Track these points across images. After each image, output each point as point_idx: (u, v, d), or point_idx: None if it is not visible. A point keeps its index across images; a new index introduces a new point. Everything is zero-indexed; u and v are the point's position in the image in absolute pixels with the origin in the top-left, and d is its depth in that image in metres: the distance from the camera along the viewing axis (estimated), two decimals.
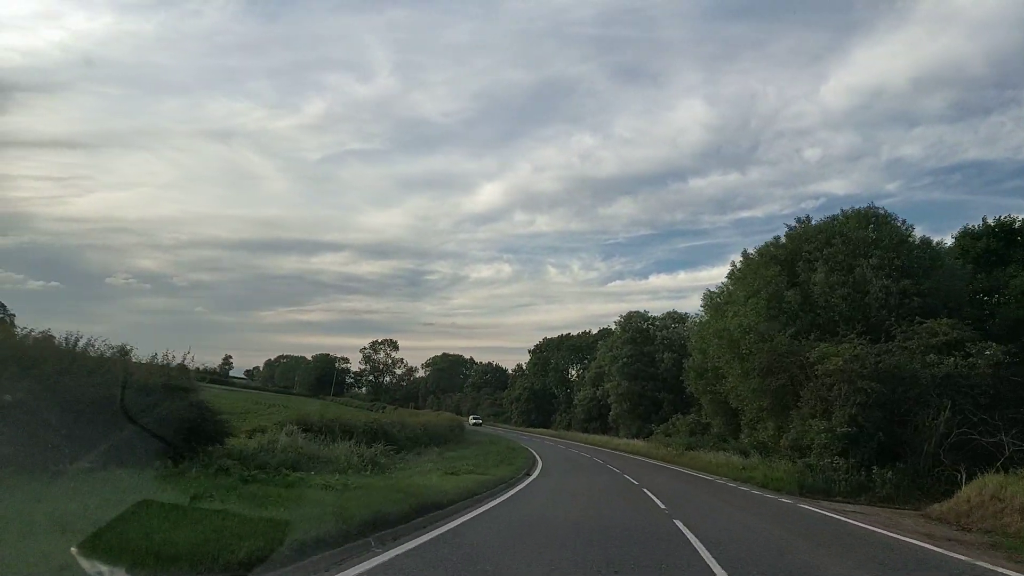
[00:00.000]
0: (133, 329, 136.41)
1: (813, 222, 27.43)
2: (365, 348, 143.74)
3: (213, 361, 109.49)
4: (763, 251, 27.53)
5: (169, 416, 9.51)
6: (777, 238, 27.74)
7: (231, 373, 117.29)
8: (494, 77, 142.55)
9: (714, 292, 33.38)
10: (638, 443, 43.03)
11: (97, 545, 5.08)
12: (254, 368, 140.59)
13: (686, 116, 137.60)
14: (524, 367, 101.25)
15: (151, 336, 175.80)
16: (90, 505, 6.26)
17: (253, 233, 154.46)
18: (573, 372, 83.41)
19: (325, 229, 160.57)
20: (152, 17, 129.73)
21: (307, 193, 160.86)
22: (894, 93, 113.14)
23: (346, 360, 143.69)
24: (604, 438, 54.63)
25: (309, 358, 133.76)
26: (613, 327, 64.83)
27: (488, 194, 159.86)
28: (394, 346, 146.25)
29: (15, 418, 7.48)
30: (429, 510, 9.78)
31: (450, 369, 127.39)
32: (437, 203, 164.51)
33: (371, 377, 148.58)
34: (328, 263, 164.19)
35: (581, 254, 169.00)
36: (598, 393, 61.57)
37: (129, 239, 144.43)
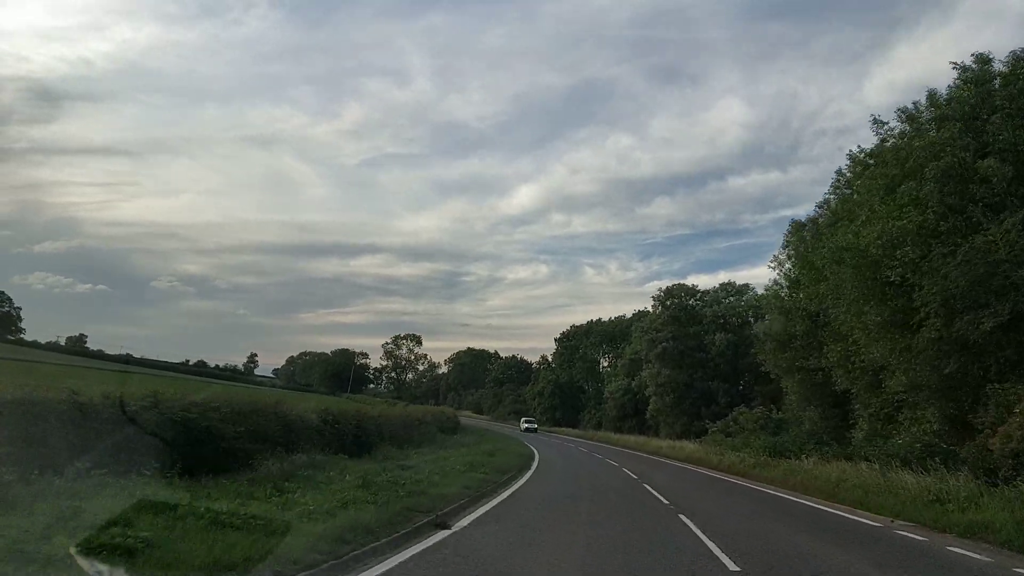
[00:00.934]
0: (177, 331, 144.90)
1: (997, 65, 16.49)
2: (387, 343, 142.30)
3: (238, 360, 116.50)
4: (914, 116, 18.22)
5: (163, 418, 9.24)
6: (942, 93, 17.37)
7: (256, 371, 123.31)
8: (530, 80, 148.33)
9: (805, 222, 27.35)
10: (687, 445, 35.81)
11: (97, 544, 5.09)
12: (282, 366, 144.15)
13: (725, 116, 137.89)
14: (549, 359, 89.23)
15: (194, 338, 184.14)
16: (90, 505, 6.35)
17: (294, 237, 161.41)
18: (604, 363, 70.28)
19: (364, 233, 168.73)
20: (195, 27, 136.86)
21: (346, 198, 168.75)
22: (939, 90, 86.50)
23: (365, 356, 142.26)
24: (640, 439, 47.38)
25: (329, 353, 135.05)
26: (650, 308, 52.22)
27: (524, 196, 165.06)
28: (417, 341, 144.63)
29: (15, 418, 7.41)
30: None
31: (472, 364, 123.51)
32: (473, 206, 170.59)
33: (393, 374, 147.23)
34: (367, 266, 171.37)
35: (618, 254, 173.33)
36: (633, 384, 48.89)
37: (174, 243, 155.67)
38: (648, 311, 54.77)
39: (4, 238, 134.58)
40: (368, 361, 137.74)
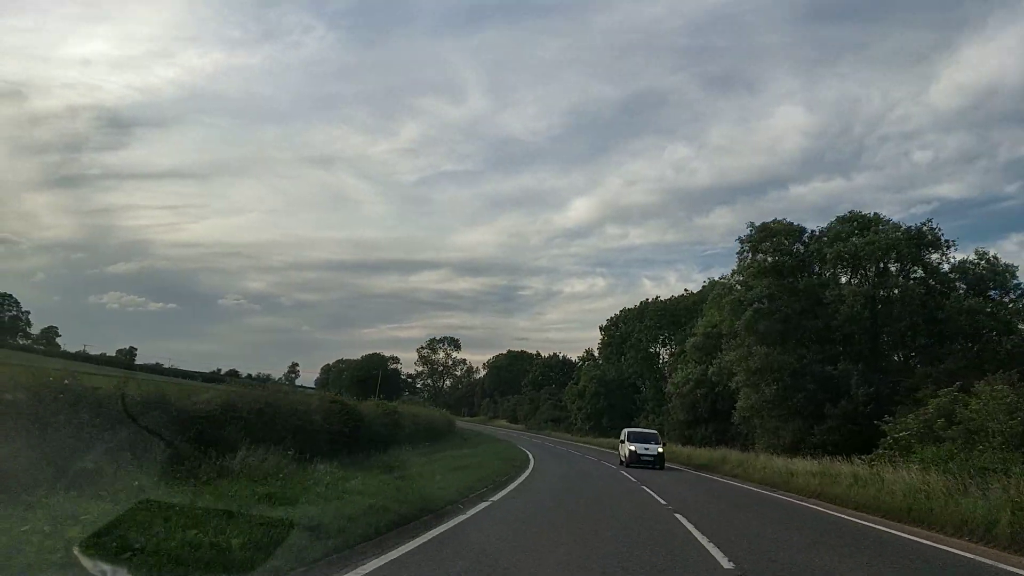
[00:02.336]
0: (242, 347, 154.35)
1: None
2: (422, 347, 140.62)
3: (276, 372, 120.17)
4: None
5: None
6: None
7: (297, 381, 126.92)
8: (583, 93, 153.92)
9: None
10: (817, 467, 21.06)
11: (98, 544, 5.29)
12: (318, 376, 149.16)
13: (784, 123, 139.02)
14: (594, 351, 72.08)
15: (259, 353, 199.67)
16: (90, 505, 6.58)
17: (353, 254, 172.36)
18: (664, 354, 50.23)
19: (421, 248, 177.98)
20: (257, 51, 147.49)
21: (403, 215, 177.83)
22: (1010, 91, 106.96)
23: (396, 360, 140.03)
24: (721, 453, 32.40)
25: (359, 359, 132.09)
26: (727, 280, 33.77)
27: (579, 209, 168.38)
28: (455, 345, 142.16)
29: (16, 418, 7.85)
30: None
31: (510, 367, 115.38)
32: (528, 220, 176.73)
33: (428, 380, 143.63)
34: (425, 281, 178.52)
35: (677, 266, 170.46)
36: (710, 373, 28.00)
37: (239, 262, 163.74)
38: (724, 280, 36.04)
39: (80, 260, 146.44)
40: (399, 366, 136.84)
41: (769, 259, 32.39)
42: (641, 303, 65.93)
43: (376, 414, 20.56)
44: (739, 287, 33.68)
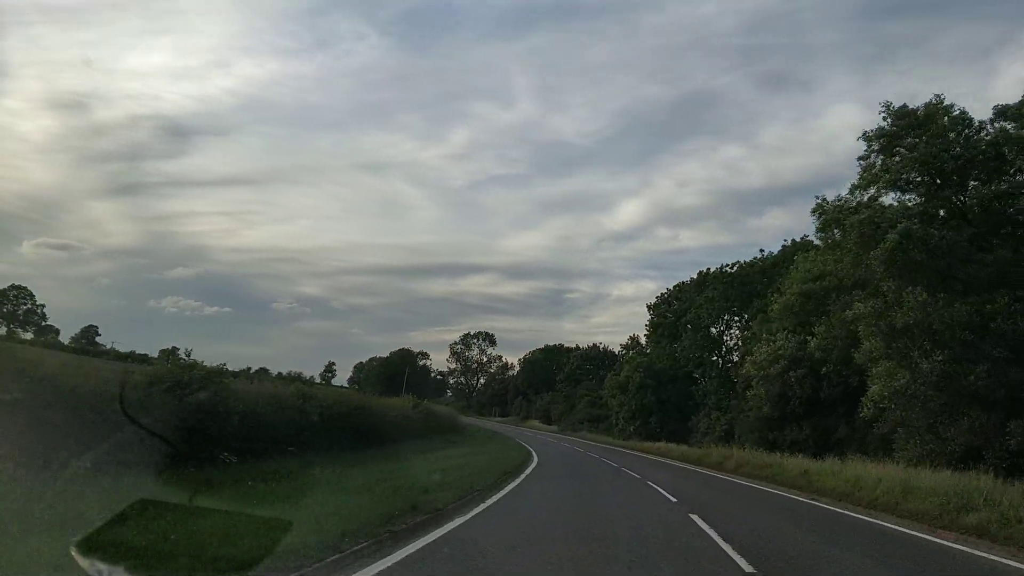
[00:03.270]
0: (294, 349, 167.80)
1: None
2: (455, 343, 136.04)
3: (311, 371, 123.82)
4: None
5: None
6: None
7: (334, 381, 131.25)
8: (633, 94, 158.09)
9: None
10: None
11: (96, 544, 5.40)
12: (351, 374, 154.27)
13: (839, 122, 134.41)
14: (640, 338, 60.18)
15: (312, 356, 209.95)
16: (91, 504, 6.84)
17: (404, 259, 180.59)
18: (732, 334, 36.35)
19: (470, 252, 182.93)
20: (311, 59, 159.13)
21: (453, 219, 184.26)
22: None
23: (425, 355, 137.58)
24: (840, 469, 19.65)
25: (387, 355, 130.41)
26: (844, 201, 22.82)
27: (629, 211, 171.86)
28: (490, 340, 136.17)
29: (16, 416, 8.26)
30: None
31: (545, 363, 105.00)
32: (577, 223, 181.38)
33: (461, 378, 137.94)
34: (473, 285, 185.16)
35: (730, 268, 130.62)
36: (812, 346, 12.76)
37: (293, 267, 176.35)
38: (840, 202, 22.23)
39: (141, 265, 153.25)
40: (429, 362, 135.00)
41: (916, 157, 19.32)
42: (700, 273, 52.11)
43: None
44: (867, 207, 20.78)
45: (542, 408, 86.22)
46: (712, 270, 52.14)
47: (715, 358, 48.52)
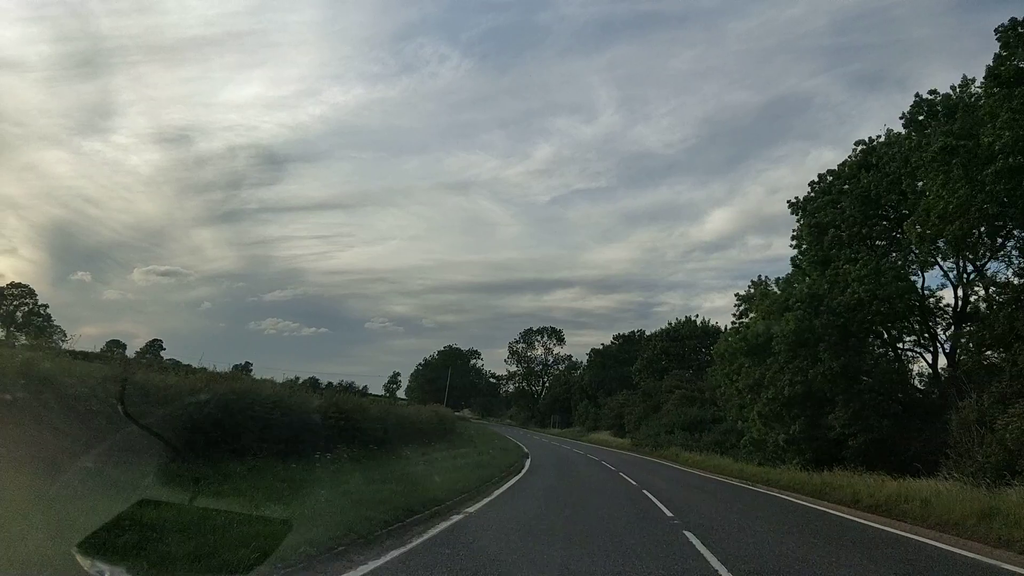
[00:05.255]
0: (384, 367, 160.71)
1: None
2: (516, 341, 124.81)
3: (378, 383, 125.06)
4: None
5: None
6: None
7: (399, 392, 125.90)
8: (719, 101, 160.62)
9: None
10: None
11: (97, 544, 5.80)
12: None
13: None
14: (766, 280, 35.98)
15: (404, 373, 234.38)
16: (91, 504, 7.21)
17: (490, 276, 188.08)
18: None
19: (555, 268, 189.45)
20: (396, 84, 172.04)
21: (537, 235, 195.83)
22: None
23: (476, 354, 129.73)
24: None
25: (435, 356, 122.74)
26: None
27: (718, 221, 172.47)
28: (557, 336, 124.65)
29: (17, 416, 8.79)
30: None
31: (619, 355, 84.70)
32: (663, 234, 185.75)
33: (523, 383, 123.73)
34: (559, 300, 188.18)
35: None
36: None
37: (384, 287, 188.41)
38: None
39: (241, 289, 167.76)
40: (479, 361, 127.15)
41: None
42: (872, 140, 30.20)
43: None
44: None
45: (611, 414, 67.86)
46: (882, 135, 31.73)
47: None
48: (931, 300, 27.68)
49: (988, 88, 21.04)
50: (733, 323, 36.20)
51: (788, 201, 32.13)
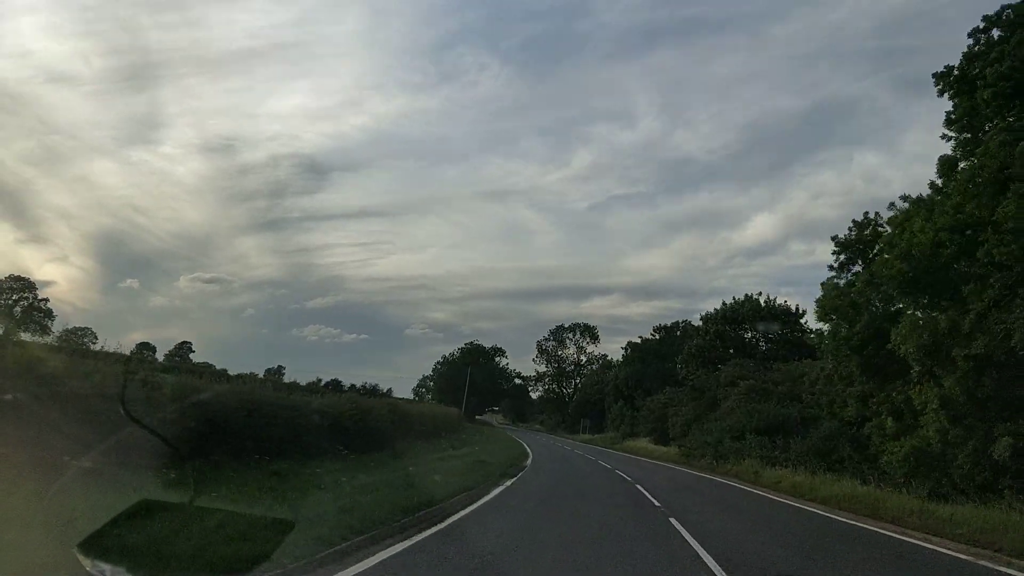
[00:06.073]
0: (422, 373, 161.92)
1: None
2: (545, 339, 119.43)
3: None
4: None
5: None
6: None
7: (428, 397, 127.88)
8: (762, 106, 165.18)
9: None
10: None
11: (98, 544, 6.00)
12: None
13: None
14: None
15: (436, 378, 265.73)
16: (92, 505, 7.45)
17: (528, 283, 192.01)
18: None
19: (593, 275, 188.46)
20: (436, 93, 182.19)
21: (575, 242, 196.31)
22: None
23: (501, 352, 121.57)
24: None
25: (456, 353, 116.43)
26: None
27: (760, 226, 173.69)
28: (590, 334, 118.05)
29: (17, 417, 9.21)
30: None
31: (660, 350, 74.00)
32: (704, 241, 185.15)
33: (553, 385, 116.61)
34: (597, 307, 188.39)
35: None
36: None
37: (423, 294, 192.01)
38: None
39: (283, 296, 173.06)
40: (506, 361, 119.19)
41: None
42: None
43: None
44: None
45: (652, 416, 55.26)
46: None
47: None
48: None
49: None
50: (831, 278, 26.11)
51: (934, 73, 20.31)
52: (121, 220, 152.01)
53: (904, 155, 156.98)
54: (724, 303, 55.68)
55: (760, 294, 53.80)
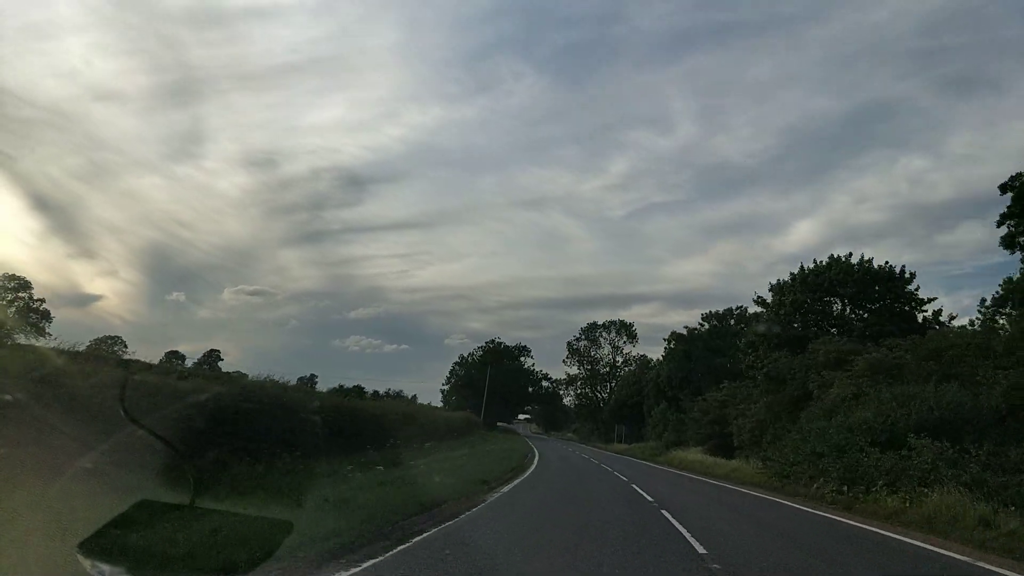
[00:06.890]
0: None
1: None
2: (576, 339, 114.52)
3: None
4: None
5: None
6: None
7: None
8: (802, 109, 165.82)
9: None
10: None
11: (98, 545, 6.19)
12: None
13: None
14: None
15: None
16: (92, 505, 7.77)
17: (566, 291, 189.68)
18: None
19: (632, 282, 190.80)
20: (473, 103, 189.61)
21: (614, 249, 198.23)
22: None
23: (526, 351, 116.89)
24: None
25: (478, 354, 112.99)
26: None
27: (801, 232, 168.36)
28: (628, 332, 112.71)
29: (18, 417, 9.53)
30: None
31: (709, 343, 65.71)
32: (745, 247, 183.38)
33: (586, 388, 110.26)
34: (636, 315, 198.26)
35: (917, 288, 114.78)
36: None
37: (461, 304, 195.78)
38: None
39: (326, 307, 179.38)
40: (529, 360, 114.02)
41: None
42: None
43: None
44: None
45: (705, 418, 44.95)
46: None
47: None
48: None
49: None
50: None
51: None
52: (167, 234, 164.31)
53: (950, 157, 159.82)
54: (802, 267, 42.77)
55: (850, 255, 41.50)
